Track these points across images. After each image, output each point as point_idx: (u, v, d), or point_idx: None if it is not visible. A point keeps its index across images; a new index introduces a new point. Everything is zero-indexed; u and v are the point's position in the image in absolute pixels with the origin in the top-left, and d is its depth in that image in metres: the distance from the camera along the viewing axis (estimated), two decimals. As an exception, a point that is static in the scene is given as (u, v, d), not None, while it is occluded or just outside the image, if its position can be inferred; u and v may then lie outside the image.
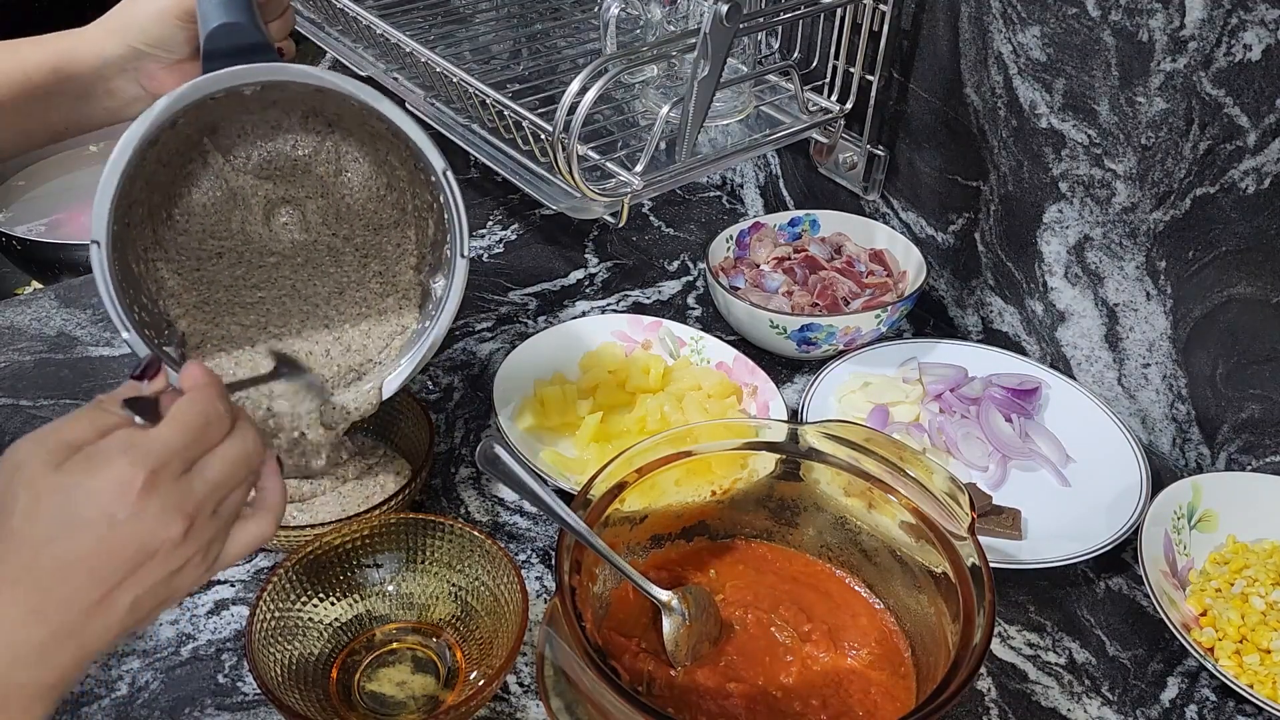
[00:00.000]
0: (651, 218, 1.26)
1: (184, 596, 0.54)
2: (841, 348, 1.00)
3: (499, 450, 0.70)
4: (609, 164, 0.91)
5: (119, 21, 0.76)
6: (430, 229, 0.80)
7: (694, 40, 0.83)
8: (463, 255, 0.75)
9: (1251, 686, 0.73)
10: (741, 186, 1.29)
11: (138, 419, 0.52)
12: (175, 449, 0.51)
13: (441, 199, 0.74)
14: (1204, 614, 0.78)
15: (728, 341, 1.00)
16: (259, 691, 0.71)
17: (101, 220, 0.66)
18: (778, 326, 0.98)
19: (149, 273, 0.75)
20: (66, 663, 0.49)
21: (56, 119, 0.79)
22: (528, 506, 0.87)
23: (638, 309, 1.10)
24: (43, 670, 0.49)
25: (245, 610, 0.78)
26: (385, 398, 0.78)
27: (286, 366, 0.72)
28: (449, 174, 0.72)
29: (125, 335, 0.69)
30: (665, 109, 0.88)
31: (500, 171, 0.96)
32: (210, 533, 0.53)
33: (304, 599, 0.73)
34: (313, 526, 0.76)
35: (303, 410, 0.75)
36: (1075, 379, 0.99)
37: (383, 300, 0.80)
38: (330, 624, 0.74)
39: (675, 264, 1.18)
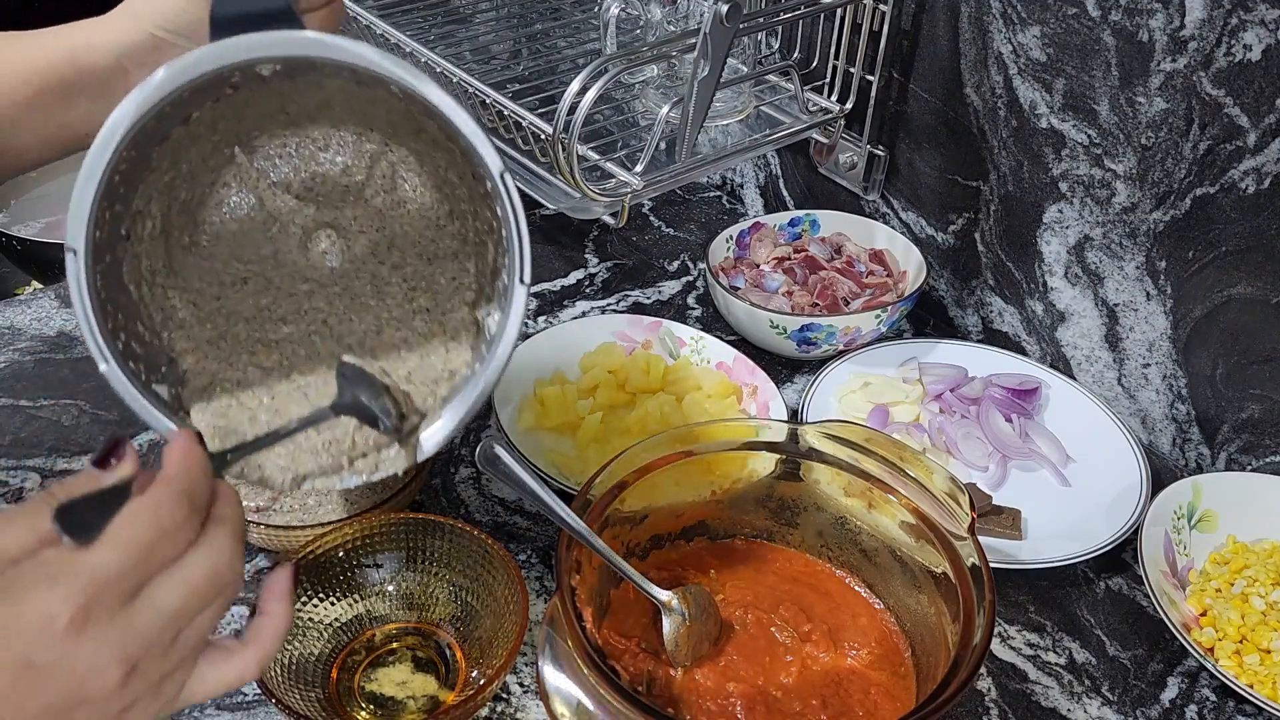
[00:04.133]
0: (651, 218, 1.26)
1: None
2: (841, 348, 1.00)
3: (499, 450, 0.70)
4: (609, 164, 0.91)
5: (137, 6, 0.67)
6: (490, 254, 0.64)
7: (694, 40, 0.83)
8: (522, 281, 0.59)
9: (1251, 686, 0.73)
10: (741, 186, 1.29)
11: (65, 538, 0.42)
12: (114, 575, 0.42)
13: (499, 210, 0.59)
14: (1204, 614, 0.78)
15: (728, 341, 1.00)
16: (259, 691, 0.71)
17: (79, 224, 0.53)
18: (778, 326, 0.98)
19: (155, 298, 0.62)
20: None
21: (77, 119, 0.70)
22: (528, 506, 0.87)
23: (638, 309, 1.10)
24: None
25: (245, 610, 0.77)
26: (421, 459, 0.62)
27: (350, 385, 0.60)
28: (506, 176, 0.57)
29: (103, 368, 0.56)
30: (665, 109, 0.88)
31: (500, 171, 0.96)
32: (163, 670, 0.45)
33: (304, 599, 0.73)
34: (313, 526, 0.76)
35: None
36: (1075, 379, 0.99)
37: (428, 341, 0.65)
38: (330, 624, 0.74)
39: (675, 264, 1.18)
